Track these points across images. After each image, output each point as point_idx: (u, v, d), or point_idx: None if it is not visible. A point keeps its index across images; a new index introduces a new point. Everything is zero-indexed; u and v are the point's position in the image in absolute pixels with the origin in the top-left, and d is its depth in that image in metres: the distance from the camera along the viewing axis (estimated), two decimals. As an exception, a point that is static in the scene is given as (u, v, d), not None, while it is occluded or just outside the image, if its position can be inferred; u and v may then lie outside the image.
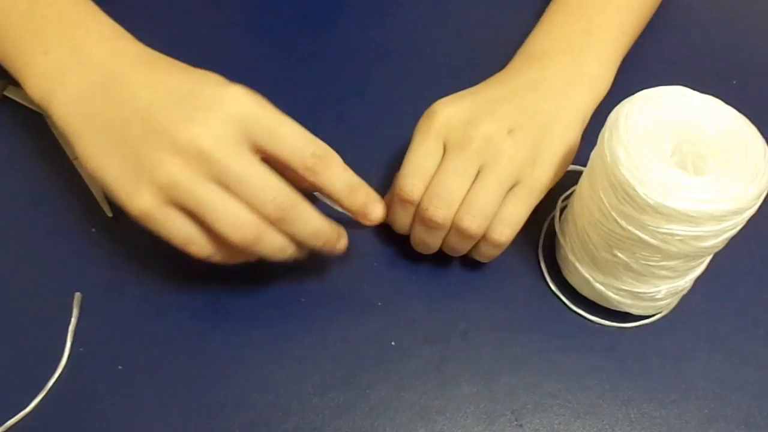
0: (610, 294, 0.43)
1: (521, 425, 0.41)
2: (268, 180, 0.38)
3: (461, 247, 0.44)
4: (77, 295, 0.44)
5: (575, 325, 0.45)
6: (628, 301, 0.43)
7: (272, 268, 0.46)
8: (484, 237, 0.42)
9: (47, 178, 0.49)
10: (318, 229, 0.40)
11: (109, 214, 0.47)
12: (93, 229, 0.47)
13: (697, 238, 0.37)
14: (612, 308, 0.44)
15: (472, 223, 0.41)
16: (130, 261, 0.46)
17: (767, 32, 0.61)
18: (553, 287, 0.46)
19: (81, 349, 0.43)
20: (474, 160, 0.42)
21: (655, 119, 0.38)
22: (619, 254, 0.40)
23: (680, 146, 0.38)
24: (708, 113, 0.39)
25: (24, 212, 0.48)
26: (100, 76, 0.40)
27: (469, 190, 0.42)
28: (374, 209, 0.42)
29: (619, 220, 0.38)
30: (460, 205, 0.41)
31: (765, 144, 0.38)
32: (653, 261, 0.39)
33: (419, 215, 0.42)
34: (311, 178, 0.39)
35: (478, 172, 0.42)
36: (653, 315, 0.45)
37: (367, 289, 0.46)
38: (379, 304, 0.45)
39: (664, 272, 0.40)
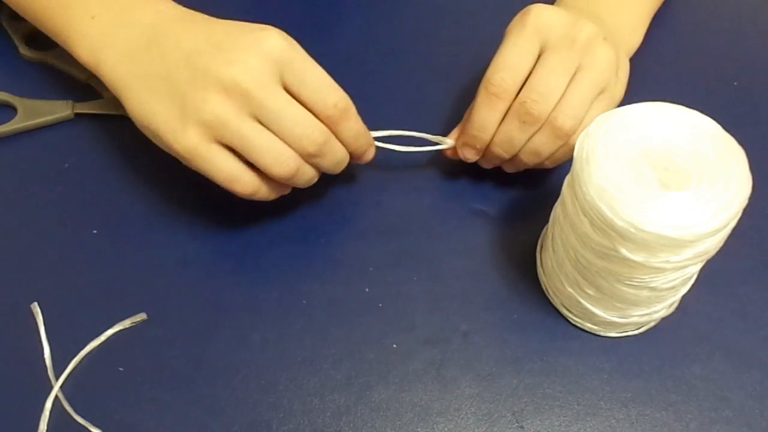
0: (632, 320, 0.43)
1: (522, 426, 0.41)
2: (305, 117, 0.41)
3: (545, 149, 0.44)
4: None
5: (575, 326, 0.45)
6: (644, 319, 0.43)
7: (272, 269, 0.46)
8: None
9: (46, 180, 0.49)
10: (342, 160, 0.44)
11: None
12: (94, 231, 0.47)
13: (706, 252, 0.37)
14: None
15: (566, 122, 0.42)
16: (130, 262, 0.46)
17: (767, 32, 0.61)
18: (550, 296, 0.46)
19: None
20: (575, 60, 0.43)
21: (627, 150, 0.37)
22: (639, 292, 0.40)
23: (653, 164, 0.37)
24: (668, 122, 0.38)
25: (23, 213, 0.48)
26: (145, 35, 0.43)
27: (565, 90, 0.43)
28: (370, 152, 0.46)
29: (642, 276, 0.38)
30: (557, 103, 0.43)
31: (728, 135, 0.38)
32: (671, 282, 0.39)
33: (515, 109, 0.43)
34: (328, 124, 0.42)
35: (575, 74, 0.43)
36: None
37: (367, 291, 0.46)
38: (380, 305, 0.45)
39: (675, 283, 0.40)
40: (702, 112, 0.39)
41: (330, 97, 0.41)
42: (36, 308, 0.44)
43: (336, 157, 0.43)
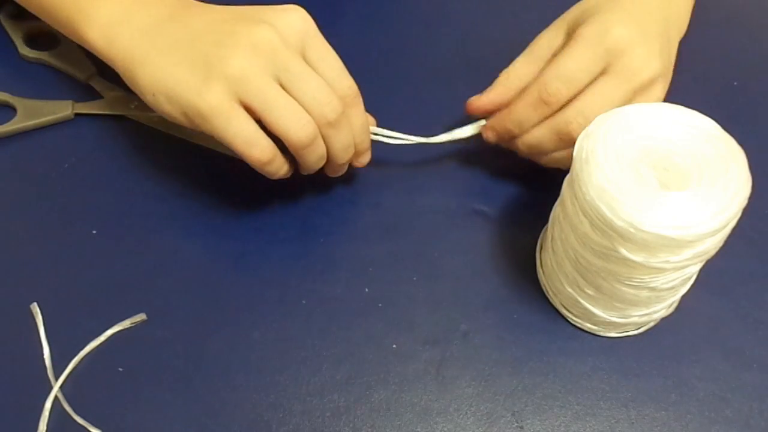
0: (631, 321, 0.43)
1: (522, 427, 0.41)
2: (326, 86, 0.41)
3: (567, 163, 0.43)
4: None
5: (575, 326, 0.45)
6: (644, 320, 0.43)
7: (272, 269, 0.46)
8: None
9: (46, 180, 0.49)
10: (350, 145, 0.43)
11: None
12: (93, 231, 0.47)
13: (706, 252, 0.37)
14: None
15: None
16: (130, 262, 0.46)
17: (767, 32, 0.61)
18: (549, 296, 0.46)
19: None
20: (629, 94, 0.43)
21: (627, 150, 0.37)
22: (638, 293, 0.40)
23: (652, 164, 0.37)
24: (668, 122, 0.38)
25: (23, 213, 0.48)
26: (165, 13, 0.43)
27: None
28: (367, 154, 0.47)
29: (641, 276, 0.38)
30: None
31: (728, 135, 0.38)
32: (671, 283, 0.39)
33: (555, 123, 0.43)
34: (342, 105, 0.42)
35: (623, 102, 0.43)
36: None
37: (367, 291, 0.46)
38: (380, 305, 0.45)
39: (675, 283, 0.40)
40: (702, 112, 0.39)
41: (347, 79, 0.42)
42: (36, 308, 0.44)
43: (347, 138, 0.43)
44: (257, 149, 0.40)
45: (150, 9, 0.43)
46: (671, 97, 0.42)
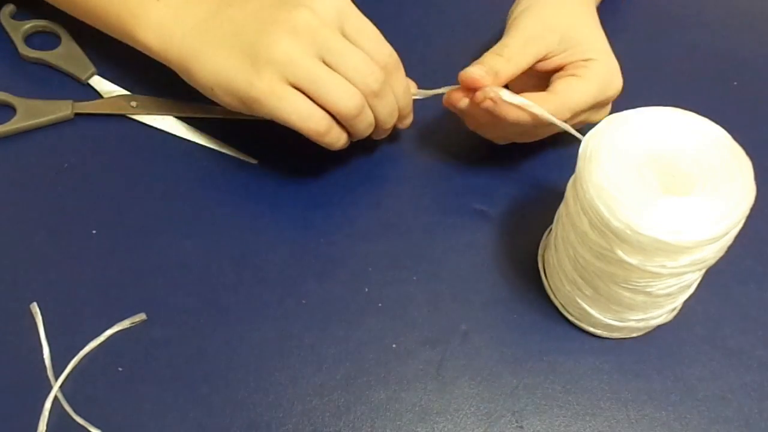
0: (628, 325, 0.43)
1: (522, 426, 0.41)
2: (367, 58, 0.43)
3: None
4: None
5: (575, 326, 0.45)
6: (642, 325, 0.43)
7: (272, 269, 0.46)
8: None
9: (46, 180, 0.49)
10: (394, 111, 0.46)
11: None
12: (93, 231, 0.47)
13: (704, 260, 0.36)
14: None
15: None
16: (130, 262, 0.46)
17: (767, 32, 0.61)
18: (551, 296, 0.46)
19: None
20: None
21: (632, 152, 0.37)
22: (635, 296, 0.40)
23: (659, 169, 0.37)
24: (678, 128, 0.38)
25: (23, 213, 0.48)
26: (211, 8, 0.45)
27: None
28: (411, 116, 0.49)
29: (637, 280, 0.38)
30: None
31: (737, 145, 0.38)
32: (668, 289, 0.39)
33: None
34: (384, 73, 0.44)
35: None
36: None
37: (367, 291, 0.46)
38: (380, 305, 0.45)
39: (672, 290, 0.40)
40: (701, 112, 0.39)
41: (386, 48, 0.44)
42: (35, 308, 0.44)
43: (391, 104, 0.45)
44: (313, 122, 0.42)
45: (196, 8, 0.46)
46: (671, 97, 0.42)
